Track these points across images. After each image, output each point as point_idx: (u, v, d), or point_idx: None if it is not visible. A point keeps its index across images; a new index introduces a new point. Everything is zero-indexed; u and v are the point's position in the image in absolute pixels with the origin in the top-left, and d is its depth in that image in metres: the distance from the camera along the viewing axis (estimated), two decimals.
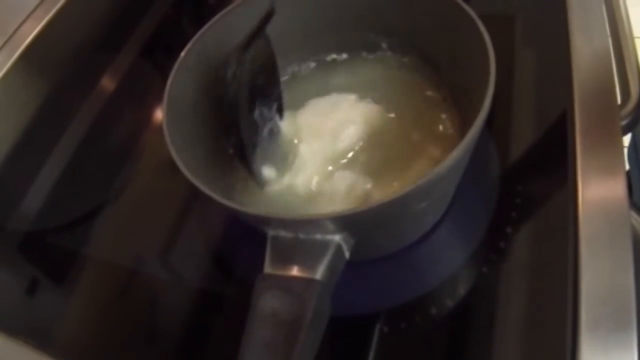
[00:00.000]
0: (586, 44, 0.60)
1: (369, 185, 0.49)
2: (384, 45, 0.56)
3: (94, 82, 0.79)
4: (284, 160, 0.53)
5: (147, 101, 0.77)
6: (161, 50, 0.83)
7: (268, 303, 0.37)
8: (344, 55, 0.58)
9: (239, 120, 0.48)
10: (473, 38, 0.43)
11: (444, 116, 0.52)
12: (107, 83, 0.80)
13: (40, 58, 0.75)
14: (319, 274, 0.38)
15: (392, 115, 0.53)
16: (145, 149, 0.73)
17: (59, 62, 0.78)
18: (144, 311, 0.58)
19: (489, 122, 0.39)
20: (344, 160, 0.52)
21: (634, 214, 0.51)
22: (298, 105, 0.56)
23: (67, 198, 0.69)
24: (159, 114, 0.74)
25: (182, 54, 0.48)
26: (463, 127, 0.50)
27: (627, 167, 0.86)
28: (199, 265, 0.60)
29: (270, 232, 0.40)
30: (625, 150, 0.85)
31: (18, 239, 0.67)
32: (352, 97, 0.54)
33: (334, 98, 0.55)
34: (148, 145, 0.73)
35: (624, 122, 0.57)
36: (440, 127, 0.51)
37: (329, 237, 0.39)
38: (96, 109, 0.76)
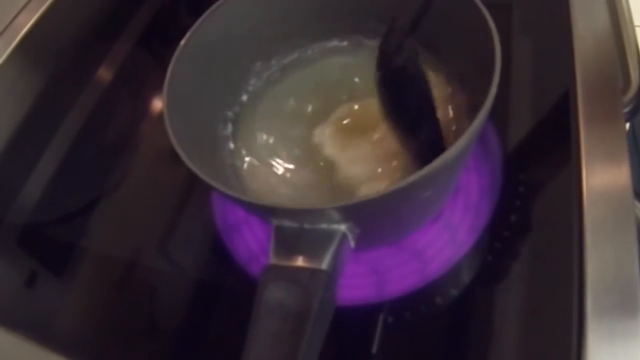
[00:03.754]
0: (588, 31, 0.60)
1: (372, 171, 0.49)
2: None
3: (90, 72, 0.79)
4: None
5: (145, 91, 0.76)
6: (158, 39, 0.82)
7: (274, 294, 0.36)
8: (345, 42, 0.58)
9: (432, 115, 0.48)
10: (477, 27, 0.42)
11: (446, 103, 0.52)
12: (105, 73, 0.79)
13: (36, 49, 0.75)
14: (325, 264, 0.37)
15: None
16: (142, 139, 0.72)
17: (55, 53, 0.77)
18: (144, 303, 0.58)
19: (492, 110, 0.39)
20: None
21: (636, 203, 0.51)
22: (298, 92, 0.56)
23: (66, 190, 0.69)
24: (156, 104, 0.74)
25: (182, 42, 0.48)
26: (467, 113, 0.49)
27: None
28: (199, 255, 0.60)
29: (274, 222, 0.40)
30: None
31: (16, 232, 0.66)
32: None
33: None
34: (145, 136, 0.72)
35: (624, 110, 0.57)
36: (443, 114, 0.51)
37: (335, 226, 0.38)
38: (93, 99, 0.76)
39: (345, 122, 0.52)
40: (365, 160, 0.50)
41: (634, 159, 0.88)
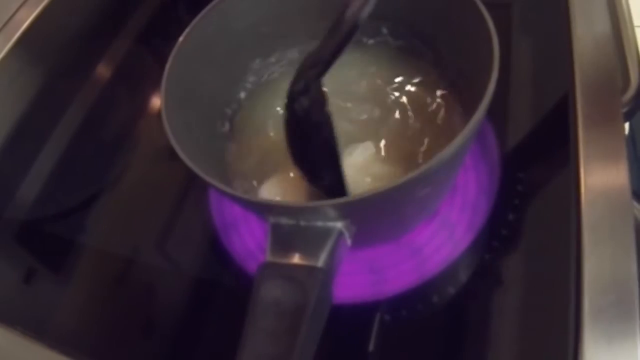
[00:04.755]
0: (587, 32, 0.60)
1: (368, 170, 0.49)
2: (385, 31, 0.55)
3: (90, 69, 0.79)
4: None
5: (144, 88, 0.77)
6: (158, 36, 0.82)
7: (270, 292, 0.36)
8: None
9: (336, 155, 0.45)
10: (475, 24, 0.42)
11: (445, 102, 0.52)
12: (104, 70, 0.79)
13: (36, 45, 0.75)
14: (321, 261, 0.37)
15: (393, 101, 0.53)
16: (141, 136, 0.72)
17: (55, 49, 0.77)
18: (141, 300, 0.58)
19: (491, 109, 0.39)
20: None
21: (634, 202, 0.51)
22: None
23: (64, 186, 0.69)
24: (155, 101, 0.74)
25: (180, 39, 0.48)
26: (465, 113, 0.49)
27: None
28: (197, 253, 0.60)
29: (271, 220, 0.40)
30: None
31: (14, 228, 0.66)
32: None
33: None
34: (144, 133, 0.72)
35: (623, 110, 0.57)
36: (442, 113, 0.51)
37: (331, 224, 0.38)
38: (92, 96, 0.76)
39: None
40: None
41: (632, 162, 0.89)
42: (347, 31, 0.40)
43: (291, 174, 0.51)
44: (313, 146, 0.45)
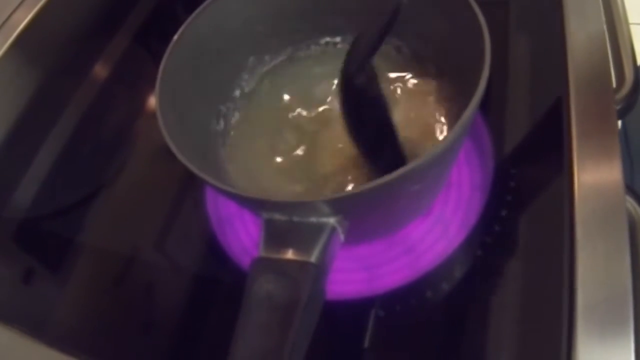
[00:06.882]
0: (581, 29, 0.60)
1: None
2: None
3: (87, 68, 0.79)
4: None
5: (141, 87, 0.77)
6: (155, 36, 0.82)
7: (263, 286, 0.36)
8: (338, 39, 0.58)
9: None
10: (468, 21, 0.42)
11: (439, 100, 0.52)
12: (101, 69, 0.80)
13: (33, 45, 0.75)
14: (314, 256, 0.37)
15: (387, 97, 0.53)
16: (139, 135, 0.73)
17: (52, 49, 0.77)
18: (139, 297, 0.58)
19: (485, 106, 0.39)
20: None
21: (627, 197, 0.51)
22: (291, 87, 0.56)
23: (62, 185, 0.69)
24: (152, 100, 0.73)
25: (175, 37, 0.48)
26: (458, 111, 0.49)
27: None
28: (193, 250, 0.61)
29: (265, 215, 0.40)
30: None
31: (13, 227, 0.66)
32: None
33: None
34: (142, 132, 0.73)
35: (618, 107, 0.57)
36: (436, 112, 0.51)
37: (324, 219, 0.38)
38: (90, 95, 0.76)
39: None
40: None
41: (625, 158, 0.89)
42: (393, 10, 0.43)
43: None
44: (371, 121, 0.48)
